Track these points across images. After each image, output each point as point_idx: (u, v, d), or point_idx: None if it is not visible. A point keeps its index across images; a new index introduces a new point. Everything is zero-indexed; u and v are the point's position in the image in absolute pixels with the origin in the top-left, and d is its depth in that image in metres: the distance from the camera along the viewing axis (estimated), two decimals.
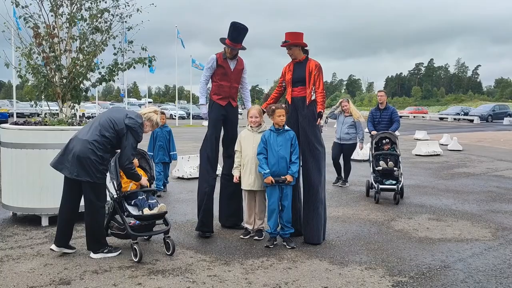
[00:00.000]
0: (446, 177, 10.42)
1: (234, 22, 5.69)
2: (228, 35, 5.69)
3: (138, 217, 4.89)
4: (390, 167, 7.93)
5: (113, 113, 4.86)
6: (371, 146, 8.35)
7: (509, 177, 10.62)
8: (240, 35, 5.68)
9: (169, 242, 4.91)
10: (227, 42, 5.69)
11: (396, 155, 8.08)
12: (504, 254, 5.09)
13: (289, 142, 5.28)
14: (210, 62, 5.79)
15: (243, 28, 5.68)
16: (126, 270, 4.43)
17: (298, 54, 5.53)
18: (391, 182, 7.83)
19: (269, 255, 4.98)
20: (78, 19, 6.67)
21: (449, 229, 6.10)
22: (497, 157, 14.74)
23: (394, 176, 7.93)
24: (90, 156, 4.60)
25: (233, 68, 5.83)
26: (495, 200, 8.02)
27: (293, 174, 5.22)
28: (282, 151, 5.24)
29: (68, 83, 6.66)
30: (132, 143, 4.75)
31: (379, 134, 8.36)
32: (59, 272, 4.37)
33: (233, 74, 5.83)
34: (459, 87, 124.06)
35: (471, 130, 30.63)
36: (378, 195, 7.65)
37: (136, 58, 6.93)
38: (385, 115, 8.68)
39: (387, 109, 8.73)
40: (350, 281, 4.25)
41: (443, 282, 4.26)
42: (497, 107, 48.11)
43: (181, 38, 33.13)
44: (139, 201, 4.97)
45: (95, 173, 4.64)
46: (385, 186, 7.75)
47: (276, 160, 5.23)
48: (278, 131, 5.30)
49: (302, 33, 5.52)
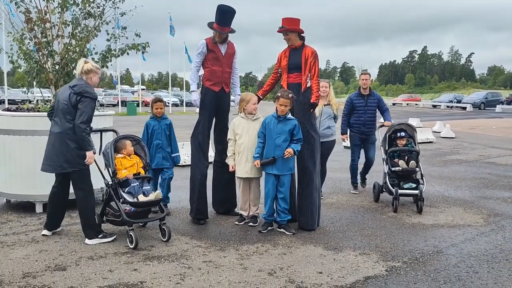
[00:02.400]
0: (439, 164, 10.50)
1: (220, 4, 5.58)
2: (215, 18, 5.59)
3: (134, 204, 4.89)
4: (412, 167, 6.49)
5: (62, 95, 4.84)
6: (384, 141, 6.92)
7: (501, 164, 10.72)
8: (228, 18, 5.58)
9: (165, 229, 4.93)
10: (214, 26, 5.59)
11: (416, 151, 6.70)
12: (495, 240, 5.17)
13: (289, 132, 5.23)
14: (200, 48, 5.70)
15: (230, 11, 5.57)
16: (122, 256, 4.44)
17: (294, 40, 5.50)
18: (411, 185, 6.46)
19: (264, 241, 5.01)
20: (70, 4, 6.57)
21: (442, 215, 6.17)
22: (489, 144, 14.86)
23: (414, 178, 6.57)
24: (70, 145, 4.70)
25: (224, 52, 5.76)
26: (487, 187, 8.10)
27: (294, 148, 5.17)
28: (278, 140, 5.21)
29: (60, 69, 6.59)
30: (88, 103, 4.67)
31: (394, 126, 6.95)
32: (55, 258, 4.37)
33: (224, 59, 5.75)
34: (452, 74, 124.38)
35: (463, 117, 30.80)
36: (396, 202, 6.29)
37: (130, 44, 6.86)
38: (372, 103, 7.23)
39: (373, 95, 7.28)
40: (344, 266, 4.30)
41: (436, 267, 4.32)
42: (489, 95, 48.32)
43: (172, 25, 32.76)
44: (132, 188, 4.96)
45: (78, 161, 4.73)
46: (405, 191, 6.38)
47: (272, 147, 5.23)
48: (279, 119, 5.27)
49: (299, 19, 5.49)
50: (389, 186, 6.41)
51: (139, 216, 5.01)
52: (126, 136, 5.36)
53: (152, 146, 5.93)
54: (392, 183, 6.45)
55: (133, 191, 4.95)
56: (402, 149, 6.72)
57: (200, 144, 5.69)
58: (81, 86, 4.74)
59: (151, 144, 5.93)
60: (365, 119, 7.23)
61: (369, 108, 7.23)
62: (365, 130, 7.27)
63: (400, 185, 6.43)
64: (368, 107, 7.23)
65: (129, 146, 5.26)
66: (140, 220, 5.06)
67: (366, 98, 7.25)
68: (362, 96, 7.28)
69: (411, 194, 6.41)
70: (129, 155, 5.24)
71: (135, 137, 5.42)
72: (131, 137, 5.39)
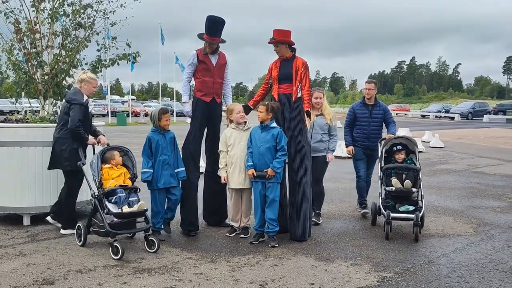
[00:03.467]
0: (428, 174, 10.58)
1: (209, 15, 5.61)
2: (205, 29, 5.61)
3: (117, 215, 4.85)
4: (406, 187, 5.68)
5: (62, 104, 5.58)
6: (380, 155, 6.16)
7: (489, 174, 10.83)
8: (217, 28, 5.60)
9: (154, 239, 4.89)
10: (205, 37, 5.62)
11: (414, 169, 5.86)
12: (485, 249, 5.20)
13: (272, 139, 5.25)
14: (191, 59, 5.73)
15: (219, 21, 5.60)
16: (111, 269, 4.38)
17: (285, 52, 5.53)
18: (407, 208, 5.64)
19: (255, 252, 4.99)
20: (61, 14, 6.56)
21: (432, 225, 6.19)
22: (477, 153, 15.02)
23: (411, 199, 5.79)
24: (59, 148, 5.32)
25: (215, 63, 5.77)
26: (476, 196, 8.17)
27: (274, 168, 5.18)
28: (263, 148, 5.23)
29: (50, 79, 6.55)
30: (75, 109, 5.22)
31: (391, 139, 6.19)
32: (42, 272, 4.30)
33: (215, 69, 5.76)
34: (440, 85, 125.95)
35: (452, 127, 31.14)
36: (388, 227, 5.46)
37: (120, 54, 6.84)
38: (377, 114, 6.56)
39: (378, 106, 6.61)
40: (336, 277, 4.28)
41: (427, 277, 4.33)
42: (477, 105, 48.99)
43: (163, 35, 32.82)
44: (118, 198, 4.93)
45: (65, 162, 5.32)
46: (398, 215, 5.57)
47: (257, 156, 5.25)
48: (263, 127, 5.31)
49: (290, 31, 5.53)
50: (381, 208, 5.68)
51: (124, 227, 4.95)
52: (113, 147, 5.39)
53: (158, 162, 5.32)
54: (386, 205, 5.69)
55: (119, 201, 4.91)
56: (399, 166, 5.92)
57: (191, 155, 5.67)
58: (69, 94, 5.42)
59: (156, 160, 5.35)
60: (370, 132, 6.52)
61: (374, 120, 6.54)
62: (370, 144, 6.53)
63: (396, 208, 5.69)
64: (373, 119, 6.54)
65: (117, 157, 5.27)
66: (124, 232, 4.99)
67: (371, 109, 6.57)
68: (366, 106, 6.60)
69: (406, 219, 5.55)
70: (117, 166, 5.23)
71: (123, 148, 5.43)
72: (119, 148, 5.41)
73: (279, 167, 5.23)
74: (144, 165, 5.33)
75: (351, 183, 8.89)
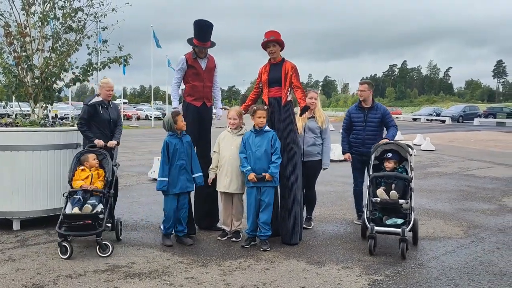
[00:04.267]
0: (419, 177, 10.64)
1: (197, 20, 5.61)
2: (194, 34, 5.62)
3: (64, 215, 4.86)
4: (393, 199, 5.15)
5: None
6: (370, 163, 5.68)
7: (480, 176, 10.92)
8: (206, 32, 5.62)
9: (106, 244, 4.86)
10: (195, 42, 5.63)
11: (405, 179, 5.35)
12: (475, 252, 5.23)
13: (268, 143, 5.27)
14: (180, 64, 5.74)
15: (207, 25, 5.61)
16: (102, 274, 4.35)
17: (278, 53, 5.59)
18: (395, 221, 5.14)
19: (246, 256, 4.98)
20: (51, 18, 6.53)
21: (423, 227, 6.22)
22: (468, 156, 15.14)
23: (401, 212, 5.22)
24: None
25: (205, 67, 5.79)
26: (467, 199, 8.24)
27: (271, 174, 5.21)
28: (258, 152, 5.24)
29: (40, 83, 6.51)
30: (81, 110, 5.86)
31: (381, 145, 5.68)
32: (32, 277, 4.26)
33: (205, 73, 5.78)
34: (431, 88, 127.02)
35: (443, 130, 31.38)
36: (372, 241, 4.99)
37: (112, 57, 6.82)
38: (373, 118, 6.09)
39: (376, 109, 6.13)
40: (327, 281, 4.29)
41: (417, 280, 4.35)
42: (467, 108, 49.49)
43: (157, 38, 32.80)
44: (72, 200, 4.97)
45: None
46: (383, 229, 5.09)
47: (253, 161, 5.25)
48: (257, 132, 5.31)
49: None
50: (365, 221, 5.23)
51: (71, 229, 4.88)
52: (91, 151, 5.52)
53: (175, 167, 5.20)
54: (370, 218, 5.20)
55: (72, 202, 4.95)
56: (387, 174, 5.42)
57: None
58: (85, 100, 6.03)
59: (173, 165, 5.22)
60: (364, 137, 6.08)
61: (369, 124, 6.09)
62: (365, 150, 6.05)
63: (383, 220, 5.20)
64: (368, 123, 6.09)
65: (91, 159, 5.37)
66: (70, 233, 4.89)
67: (366, 112, 6.12)
68: (361, 110, 6.17)
69: (392, 233, 5.08)
70: (90, 168, 5.33)
71: (101, 151, 5.55)
72: (97, 152, 5.53)
73: (276, 171, 5.24)
74: (160, 173, 5.22)
75: (343, 186, 8.92)
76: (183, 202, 5.33)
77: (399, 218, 5.14)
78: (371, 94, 6.14)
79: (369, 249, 5.02)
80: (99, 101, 5.76)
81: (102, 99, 5.78)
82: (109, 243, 4.90)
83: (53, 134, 5.86)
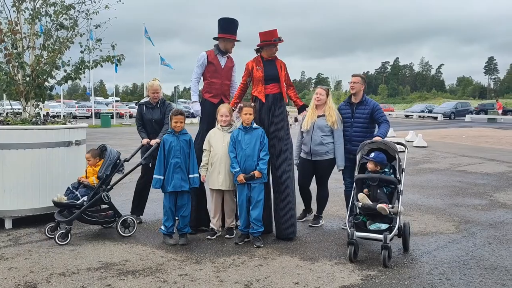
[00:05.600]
0: (412, 173, 10.71)
1: (221, 18, 5.76)
2: (219, 30, 5.73)
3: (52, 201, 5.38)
4: (365, 203, 4.86)
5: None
6: (357, 163, 5.34)
7: (471, 172, 11.02)
8: (232, 26, 5.76)
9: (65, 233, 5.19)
10: (220, 35, 5.72)
11: (391, 181, 5.02)
12: (467, 246, 5.29)
13: (257, 140, 5.29)
14: (200, 60, 5.82)
15: (233, 20, 5.78)
16: (95, 272, 4.35)
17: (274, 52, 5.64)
18: (379, 226, 4.77)
19: (240, 252, 4.99)
20: (42, 15, 6.48)
21: (415, 223, 6.27)
22: (460, 153, 15.26)
23: (386, 216, 4.80)
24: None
25: (224, 65, 5.87)
26: (458, 194, 8.31)
27: (260, 170, 5.24)
28: (248, 150, 5.26)
29: (31, 81, 6.45)
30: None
31: (367, 144, 5.31)
32: (25, 275, 4.24)
33: (223, 71, 5.86)
34: (423, 85, 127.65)
35: (435, 127, 31.58)
36: (352, 247, 4.67)
37: (104, 56, 6.78)
38: (360, 113, 5.72)
39: (365, 104, 5.73)
40: (320, 276, 4.32)
41: (410, 274, 4.39)
42: (459, 105, 49.82)
43: (149, 36, 32.63)
44: (66, 190, 5.49)
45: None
46: (365, 234, 4.75)
47: (243, 158, 5.26)
48: (246, 129, 5.32)
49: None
50: (347, 226, 4.94)
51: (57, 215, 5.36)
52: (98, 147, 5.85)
53: (169, 165, 5.20)
54: (351, 223, 4.85)
55: (65, 193, 5.45)
56: (371, 176, 5.04)
57: (198, 155, 5.65)
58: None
59: (168, 163, 5.24)
60: (351, 134, 5.74)
61: (356, 120, 5.74)
62: (352, 148, 5.70)
63: (366, 225, 4.86)
64: (356, 119, 5.74)
65: (86, 155, 5.78)
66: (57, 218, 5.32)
67: (354, 108, 5.79)
68: (350, 105, 5.84)
69: (374, 239, 4.75)
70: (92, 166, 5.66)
71: (101, 146, 5.83)
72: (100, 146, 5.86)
73: (265, 167, 5.28)
74: (156, 171, 5.26)
75: (336, 183, 8.96)
76: (182, 201, 5.29)
77: (383, 223, 4.78)
78: (363, 88, 5.81)
79: (348, 256, 4.69)
80: (145, 101, 6.20)
81: (148, 100, 6.17)
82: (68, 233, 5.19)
83: (45, 132, 5.84)
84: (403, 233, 4.92)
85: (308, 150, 5.86)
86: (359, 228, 4.80)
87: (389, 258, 4.57)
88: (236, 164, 5.26)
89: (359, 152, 5.32)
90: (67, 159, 6.00)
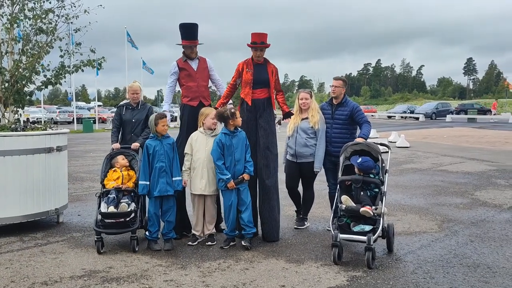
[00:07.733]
0: (395, 173, 10.83)
1: (182, 23, 5.80)
2: (182, 37, 5.78)
3: (101, 214, 5.11)
4: (348, 205, 4.84)
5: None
6: (340, 165, 5.31)
7: (452, 172, 11.19)
8: (192, 31, 5.80)
9: (133, 241, 5.12)
10: (183, 43, 5.78)
11: (374, 183, 5.02)
12: (449, 245, 5.36)
13: (243, 143, 5.32)
14: (172, 69, 5.91)
15: (192, 24, 5.82)
16: (78, 280, 4.28)
17: (263, 56, 5.66)
18: (362, 228, 4.75)
19: (226, 257, 4.97)
20: (20, 19, 6.37)
21: (399, 223, 6.34)
22: (441, 152, 15.49)
23: (370, 218, 4.77)
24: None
25: (196, 67, 5.89)
26: (440, 194, 8.43)
27: (249, 173, 5.29)
28: (237, 154, 5.26)
29: (10, 86, 6.34)
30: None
31: (351, 145, 5.29)
32: (5, 285, 4.15)
33: (197, 74, 5.88)
34: (405, 86, 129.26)
35: (417, 127, 32.00)
36: (336, 249, 4.63)
37: (85, 60, 6.70)
38: (340, 115, 5.76)
39: (345, 105, 5.77)
40: (306, 279, 4.32)
41: (394, 274, 4.43)
42: (440, 105, 50.58)
43: (131, 40, 32.33)
44: (107, 199, 5.19)
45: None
46: (349, 236, 4.73)
47: (233, 163, 5.24)
48: (233, 134, 5.30)
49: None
50: (331, 228, 4.89)
51: (107, 227, 5.12)
52: (120, 152, 5.74)
53: (154, 170, 5.17)
54: (335, 225, 4.83)
55: (107, 201, 5.16)
56: (355, 178, 5.01)
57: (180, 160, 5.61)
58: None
59: (152, 168, 5.20)
60: (331, 135, 5.77)
61: (336, 121, 5.75)
62: (332, 149, 5.73)
63: (350, 227, 4.83)
64: (335, 120, 5.76)
65: (120, 160, 5.62)
66: (106, 231, 5.12)
67: (334, 109, 5.83)
68: (331, 106, 5.90)
69: (358, 240, 4.74)
70: (121, 168, 5.55)
71: (130, 152, 5.74)
72: (126, 153, 5.74)
73: (252, 169, 5.34)
74: (141, 177, 5.23)
75: (321, 184, 8.99)
76: (167, 205, 5.26)
77: (367, 225, 4.75)
78: (344, 91, 5.82)
79: (333, 259, 4.66)
80: (125, 103, 6.16)
81: (128, 101, 6.14)
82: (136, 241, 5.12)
83: (25, 138, 5.73)
84: (387, 234, 4.93)
85: (293, 152, 5.89)
86: (343, 230, 4.77)
87: (373, 260, 4.58)
88: (226, 170, 5.21)
89: (342, 154, 5.31)
90: (48, 166, 5.90)
